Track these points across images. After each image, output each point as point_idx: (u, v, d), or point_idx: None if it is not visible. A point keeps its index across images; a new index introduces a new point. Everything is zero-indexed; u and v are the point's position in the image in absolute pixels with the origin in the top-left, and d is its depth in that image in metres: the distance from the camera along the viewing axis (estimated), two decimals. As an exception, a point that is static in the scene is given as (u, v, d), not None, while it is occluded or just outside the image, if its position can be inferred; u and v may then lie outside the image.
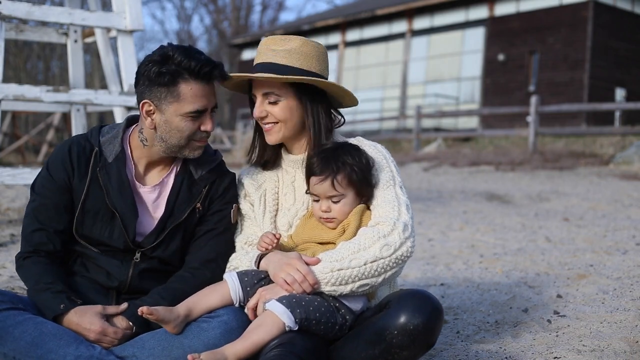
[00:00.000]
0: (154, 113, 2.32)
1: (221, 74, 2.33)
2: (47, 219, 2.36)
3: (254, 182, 2.56)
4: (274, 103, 2.40)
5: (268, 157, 2.56)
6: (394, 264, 2.21)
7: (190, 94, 2.27)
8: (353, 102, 2.51)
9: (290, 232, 2.46)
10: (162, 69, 2.25)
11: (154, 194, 2.43)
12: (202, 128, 2.34)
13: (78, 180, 2.36)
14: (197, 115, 2.31)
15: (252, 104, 2.48)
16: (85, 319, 2.20)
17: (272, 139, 2.45)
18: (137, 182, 2.42)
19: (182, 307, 2.22)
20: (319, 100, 2.44)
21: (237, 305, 2.28)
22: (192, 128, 2.32)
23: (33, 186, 2.42)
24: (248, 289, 2.27)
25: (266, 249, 2.32)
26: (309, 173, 2.38)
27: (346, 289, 2.20)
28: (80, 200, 2.35)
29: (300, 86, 2.39)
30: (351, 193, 2.34)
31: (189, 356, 2.01)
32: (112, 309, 2.28)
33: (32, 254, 2.35)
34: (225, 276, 2.33)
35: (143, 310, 2.11)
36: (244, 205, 2.54)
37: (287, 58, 2.37)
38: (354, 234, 2.29)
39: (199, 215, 2.44)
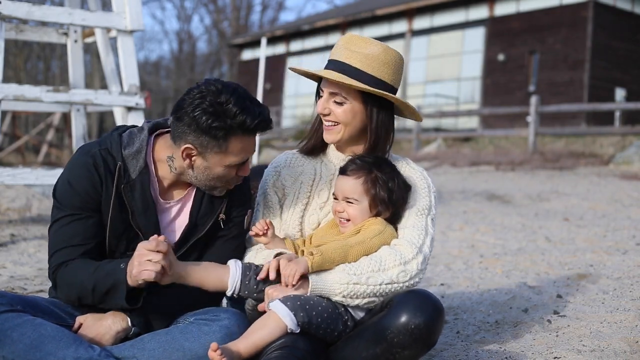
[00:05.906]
0: (195, 156, 2.25)
1: (270, 124, 2.25)
2: (76, 239, 2.26)
3: (292, 173, 2.51)
4: (339, 104, 2.35)
5: (317, 143, 2.51)
6: (402, 289, 2.25)
7: (239, 148, 2.22)
8: (417, 118, 2.46)
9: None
10: (216, 124, 2.15)
11: (177, 207, 2.39)
12: (240, 174, 2.31)
13: (106, 197, 2.27)
14: (239, 165, 2.28)
15: (317, 96, 2.43)
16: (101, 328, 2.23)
17: (330, 138, 2.41)
18: (160, 199, 2.36)
19: (183, 267, 2.19)
20: (385, 108, 2.39)
21: (229, 294, 2.26)
22: (231, 174, 2.29)
23: (56, 200, 2.29)
24: (247, 283, 2.25)
25: (256, 235, 2.33)
26: (340, 171, 2.38)
27: (354, 302, 2.22)
28: (109, 219, 2.27)
29: (369, 93, 2.34)
30: (365, 202, 2.34)
31: (212, 344, 2.02)
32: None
33: (66, 263, 2.26)
34: (230, 262, 2.30)
35: None
36: (271, 195, 2.51)
37: (362, 62, 2.32)
38: (368, 241, 2.28)
39: (223, 225, 2.40)
